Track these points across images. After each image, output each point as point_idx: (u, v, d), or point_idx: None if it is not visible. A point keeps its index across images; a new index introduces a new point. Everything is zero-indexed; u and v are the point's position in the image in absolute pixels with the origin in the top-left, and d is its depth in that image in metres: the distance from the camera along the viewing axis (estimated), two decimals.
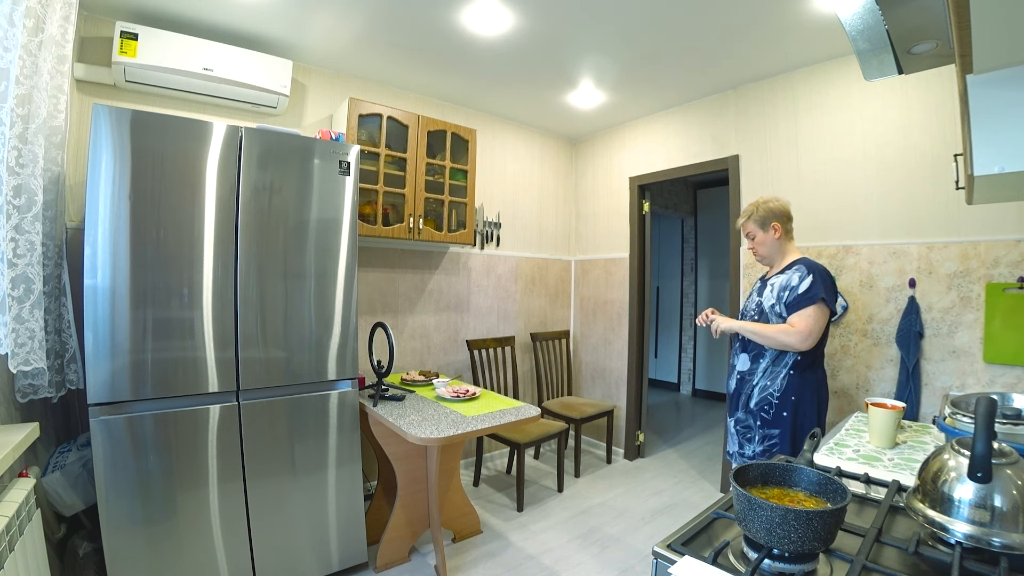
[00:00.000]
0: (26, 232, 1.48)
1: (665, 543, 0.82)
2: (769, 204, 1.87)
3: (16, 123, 1.39)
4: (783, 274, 1.82)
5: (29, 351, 1.47)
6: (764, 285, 1.88)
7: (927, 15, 0.94)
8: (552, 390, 3.62)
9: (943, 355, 2.12)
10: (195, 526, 1.73)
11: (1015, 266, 1.94)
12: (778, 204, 1.87)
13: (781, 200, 1.89)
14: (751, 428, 1.83)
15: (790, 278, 1.79)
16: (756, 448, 1.82)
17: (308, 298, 1.97)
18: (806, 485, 0.87)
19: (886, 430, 1.39)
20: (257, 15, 2.18)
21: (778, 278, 1.82)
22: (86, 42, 2.12)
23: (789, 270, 1.81)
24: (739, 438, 1.89)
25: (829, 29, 2.17)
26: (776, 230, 1.85)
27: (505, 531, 2.55)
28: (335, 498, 2.04)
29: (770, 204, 1.87)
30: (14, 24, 1.32)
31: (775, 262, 1.90)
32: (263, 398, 1.88)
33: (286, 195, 1.92)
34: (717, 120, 3.02)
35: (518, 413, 2.10)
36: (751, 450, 1.84)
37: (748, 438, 1.85)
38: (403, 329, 3.07)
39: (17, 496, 1.26)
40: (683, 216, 5.60)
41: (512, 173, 3.64)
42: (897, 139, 2.26)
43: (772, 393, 1.78)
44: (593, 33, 2.30)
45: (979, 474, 0.74)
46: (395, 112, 2.64)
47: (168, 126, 1.69)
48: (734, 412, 1.91)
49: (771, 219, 1.86)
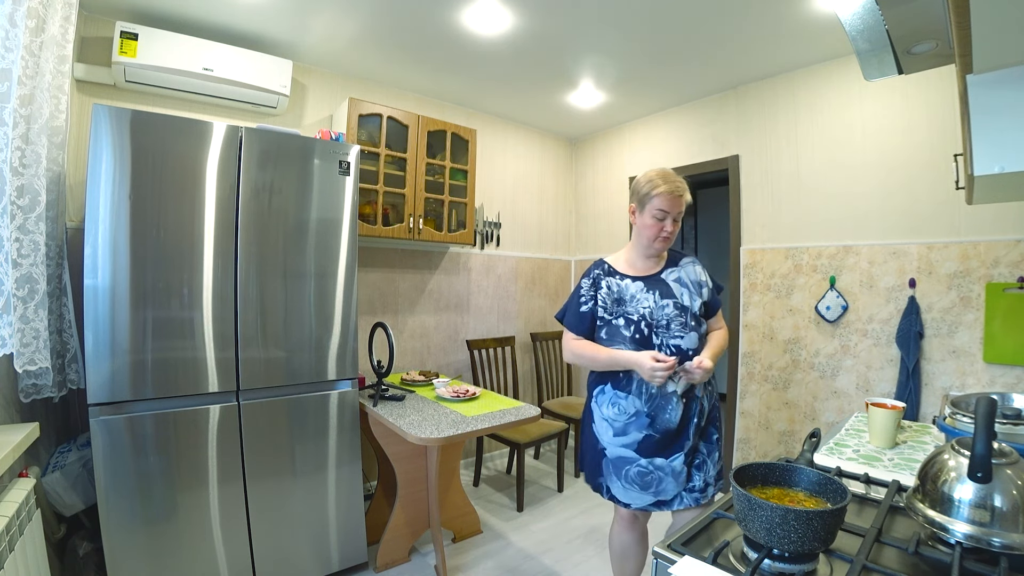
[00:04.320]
0: (30, 232, 1.48)
1: (665, 543, 0.82)
2: None
3: (19, 123, 1.39)
4: (679, 268, 1.59)
5: (34, 351, 1.47)
6: (657, 283, 1.55)
7: (927, 15, 0.94)
8: (552, 390, 3.62)
9: (943, 355, 2.12)
10: (195, 526, 1.73)
11: (1015, 266, 1.94)
12: None
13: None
14: (701, 454, 1.55)
15: (696, 272, 1.61)
16: (711, 473, 1.54)
17: (308, 298, 1.97)
18: (806, 485, 0.87)
19: (886, 430, 1.39)
20: (257, 15, 2.19)
21: (676, 273, 1.58)
22: (86, 42, 2.12)
23: (683, 262, 1.61)
24: (686, 472, 1.52)
25: (829, 29, 2.17)
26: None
27: (505, 531, 2.55)
28: (335, 498, 2.04)
29: None
30: (16, 25, 1.32)
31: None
32: (263, 398, 1.88)
33: (286, 195, 1.92)
34: (717, 120, 3.02)
35: (518, 413, 2.10)
36: (703, 479, 1.53)
37: (698, 466, 1.54)
38: (403, 329, 3.07)
39: (17, 496, 1.26)
40: None
41: (512, 173, 3.64)
42: (897, 139, 2.26)
43: (715, 406, 1.60)
44: (593, 33, 2.30)
45: (979, 474, 0.74)
46: (395, 112, 2.64)
47: (168, 126, 1.69)
48: (681, 445, 1.50)
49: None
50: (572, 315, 1.60)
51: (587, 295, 1.58)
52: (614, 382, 1.55)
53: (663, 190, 1.49)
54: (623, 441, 1.53)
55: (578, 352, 1.57)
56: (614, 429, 1.54)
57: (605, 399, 1.57)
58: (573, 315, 1.59)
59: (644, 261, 1.60)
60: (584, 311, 1.57)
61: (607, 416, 1.56)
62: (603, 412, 1.57)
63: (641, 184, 1.55)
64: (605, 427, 1.56)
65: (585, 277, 1.62)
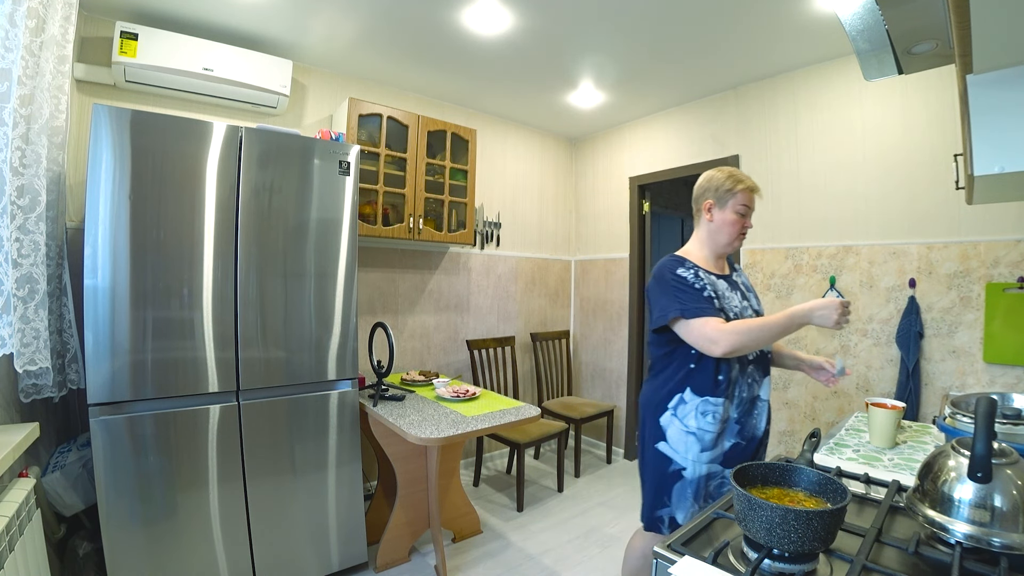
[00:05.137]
0: (30, 232, 1.48)
1: (665, 543, 0.82)
2: None
3: (19, 123, 1.39)
4: (737, 273, 1.57)
5: (35, 351, 1.47)
6: (733, 285, 1.50)
7: (927, 15, 0.94)
8: (552, 390, 3.62)
9: (943, 355, 2.12)
10: (195, 526, 1.73)
11: (1015, 266, 1.94)
12: None
13: None
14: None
15: (746, 277, 1.61)
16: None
17: (308, 298, 1.97)
18: (806, 485, 0.87)
19: (886, 430, 1.39)
20: (257, 15, 2.19)
21: (739, 277, 1.56)
22: (86, 42, 2.12)
23: (737, 268, 1.60)
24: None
25: (829, 29, 2.17)
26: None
27: (505, 531, 2.55)
28: (335, 498, 2.04)
29: None
30: (16, 24, 1.32)
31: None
32: (263, 398, 1.88)
33: (286, 195, 1.92)
34: (717, 120, 3.02)
35: (518, 413, 2.10)
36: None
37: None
38: (403, 329, 3.07)
39: (17, 496, 1.26)
40: (683, 216, 5.60)
41: (512, 173, 3.64)
42: (897, 139, 2.26)
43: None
44: (593, 33, 2.30)
45: (979, 474, 0.74)
46: (395, 112, 2.64)
47: (168, 126, 1.69)
48: (761, 456, 1.43)
49: None
50: (697, 301, 1.34)
51: (700, 283, 1.38)
52: (702, 386, 1.36)
53: (747, 185, 1.45)
54: (712, 455, 1.37)
55: (738, 329, 1.27)
56: (703, 443, 1.36)
57: (689, 409, 1.37)
58: (698, 301, 1.34)
59: (716, 261, 1.50)
60: (707, 295, 1.36)
61: (695, 429, 1.36)
62: (687, 425, 1.37)
63: (719, 180, 1.47)
64: (691, 442, 1.37)
65: (681, 269, 1.40)
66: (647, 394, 1.48)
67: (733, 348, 1.26)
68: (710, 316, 1.31)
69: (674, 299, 1.35)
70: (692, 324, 1.31)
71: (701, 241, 1.52)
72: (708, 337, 1.28)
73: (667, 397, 1.41)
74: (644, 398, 1.49)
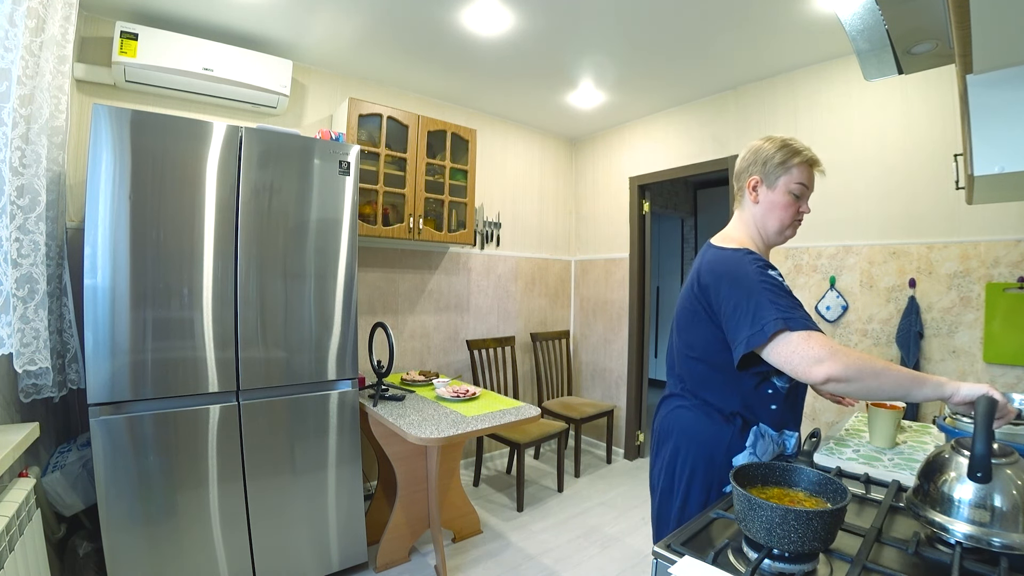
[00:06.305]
0: (30, 232, 1.48)
1: (665, 543, 0.82)
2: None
3: (19, 123, 1.39)
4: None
5: (34, 351, 1.47)
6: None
7: (927, 15, 0.94)
8: (552, 390, 3.62)
9: (943, 355, 2.12)
10: (195, 526, 1.73)
11: (1015, 266, 1.94)
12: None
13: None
14: None
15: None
16: None
17: (308, 298, 1.97)
18: (806, 485, 0.87)
19: (886, 430, 1.39)
20: (257, 15, 2.18)
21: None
22: (86, 42, 2.12)
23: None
24: None
25: (829, 29, 2.17)
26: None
27: (505, 531, 2.55)
28: (335, 498, 2.04)
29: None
30: (15, 24, 1.32)
31: None
32: (263, 398, 1.88)
33: (286, 195, 1.92)
34: (717, 120, 3.02)
35: (518, 413, 2.10)
36: None
37: None
38: (403, 329, 3.07)
39: (17, 496, 1.26)
40: (683, 216, 5.61)
41: (512, 173, 3.64)
42: (897, 139, 2.26)
43: None
44: (593, 33, 2.30)
45: (979, 474, 0.74)
46: (395, 112, 2.64)
47: (168, 126, 1.69)
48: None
49: None
50: (798, 309, 1.01)
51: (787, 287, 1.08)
52: (783, 418, 1.16)
53: (807, 157, 1.13)
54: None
55: (856, 356, 0.93)
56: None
57: (767, 445, 1.14)
58: (799, 309, 1.02)
59: (766, 253, 1.21)
60: (798, 300, 1.05)
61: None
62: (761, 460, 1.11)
63: (768, 152, 1.15)
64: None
65: (757, 264, 1.08)
66: (698, 427, 1.15)
67: (838, 376, 0.92)
68: (814, 329, 0.98)
69: (772, 306, 1.00)
70: (793, 339, 0.96)
71: (746, 228, 1.20)
72: (813, 356, 0.94)
73: (740, 434, 1.12)
74: (693, 429, 1.16)
